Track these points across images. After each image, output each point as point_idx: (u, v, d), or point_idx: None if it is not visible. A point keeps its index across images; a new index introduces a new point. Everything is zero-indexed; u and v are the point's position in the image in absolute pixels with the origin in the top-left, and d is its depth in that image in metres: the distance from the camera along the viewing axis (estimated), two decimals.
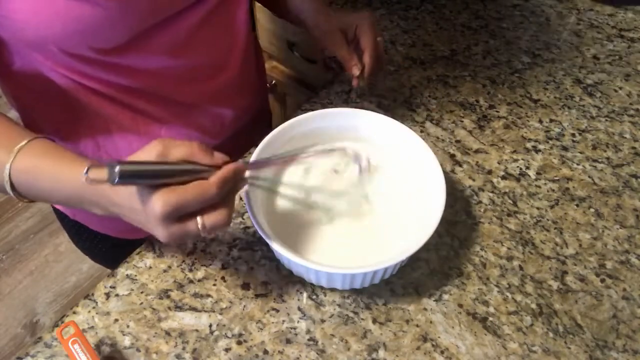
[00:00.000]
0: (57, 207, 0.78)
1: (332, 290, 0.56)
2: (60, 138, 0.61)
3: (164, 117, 0.63)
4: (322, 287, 0.56)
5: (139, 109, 0.61)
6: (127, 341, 0.53)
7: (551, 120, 0.72)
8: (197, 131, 0.67)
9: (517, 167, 0.67)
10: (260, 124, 0.83)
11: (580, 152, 0.69)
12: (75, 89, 0.57)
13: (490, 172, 0.66)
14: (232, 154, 0.65)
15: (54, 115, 0.61)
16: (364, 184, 0.59)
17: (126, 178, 0.39)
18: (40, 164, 0.47)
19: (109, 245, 0.79)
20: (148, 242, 0.59)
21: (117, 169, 0.38)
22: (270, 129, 0.58)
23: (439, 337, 0.53)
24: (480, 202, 0.63)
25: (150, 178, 0.41)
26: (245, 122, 0.75)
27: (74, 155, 0.48)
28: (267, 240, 0.50)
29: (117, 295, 0.56)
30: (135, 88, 0.59)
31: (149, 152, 0.42)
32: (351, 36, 0.64)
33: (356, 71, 0.64)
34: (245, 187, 0.52)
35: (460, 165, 0.67)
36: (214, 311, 0.55)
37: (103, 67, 0.55)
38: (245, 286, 0.56)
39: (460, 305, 0.55)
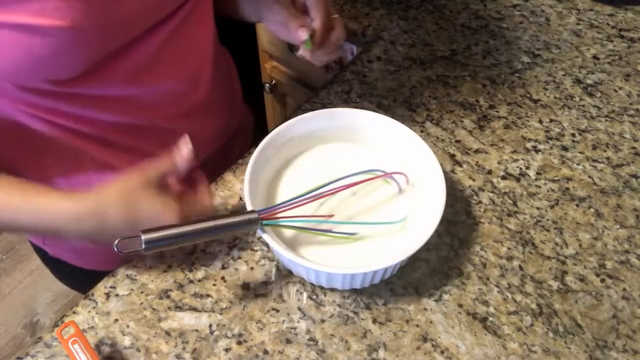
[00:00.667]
0: (36, 243, 0.76)
1: (332, 290, 0.56)
2: (27, 173, 0.58)
3: (135, 145, 0.61)
4: (322, 287, 0.56)
5: (108, 140, 0.59)
6: (127, 341, 0.53)
7: (551, 120, 0.72)
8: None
9: (517, 167, 0.67)
10: (240, 141, 0.81)
11: (580, 152, 0.69)
12: (36, 123, 0.55)
13: (490, 172, 0.66)
14: (214, 172, 0.65)
15: (16, 152, 0.58)
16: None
17: (152, 243, 0.45)
18: (15, 199, 0.50)
19: (91, 278, 0.78)
20: None
21: (142, 238, 0.44)
22: (253, 144, 0.58)
23: (439, 337, 0.53)
24: (480, 202, 0.63)
25: (174, 238, 0.46)
26: (225, 140, 0.73)
27: (45, 187, 0.51)
28: (267, 241, 0.50)
29: (117, 295, 0.56)
30: (99, 119, 0.57)
31: (132, 181, 0.47)
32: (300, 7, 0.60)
33: (303, 34, 0.57)
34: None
35: (460, 165, 0.67)
36: (214, 311, 0.55)
37: (63, 99, 0.53)
38: (245, 286, 0.56)
39: (460, 305, 0.55)
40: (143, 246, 0.44)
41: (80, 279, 0.77)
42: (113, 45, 0.52)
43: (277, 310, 0.55)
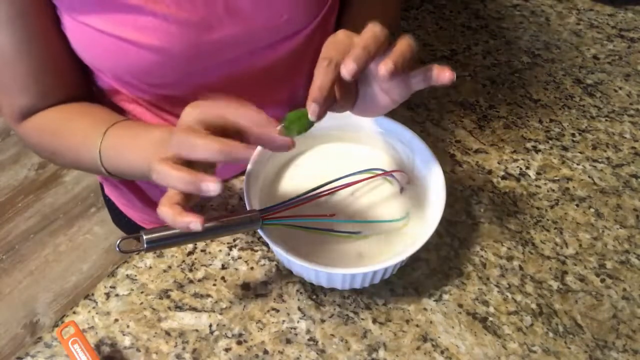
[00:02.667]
0: (107, 192, 0.85)
1: (332, 290, 0.56)
2: None
3: None
4: (322, 287, 0.56)
5: None
6: (127, 341, 0.53)
7: (551, 120, 0.72)
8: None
9: (517, 167, 0.67)
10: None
11: (580, 152, 0.69)
12: (135, 109, 0.63)
13: (490, 172, 0.66)
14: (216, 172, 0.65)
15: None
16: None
17: (154, 243, 0.44)
18: (121, 140, 0.54)
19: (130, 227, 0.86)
20: None
21: (144, 237, 0.44)
22: None
23: (439, 337, 0.53)
24: (480, 202, 0.63)
25: (176, 238, 0.46)
26: None
27: (146, 126, 0.55)
28: (268, 241, 0.50)
29: (117, 295, 0.56)
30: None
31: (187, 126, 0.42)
32: None
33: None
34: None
35: (460, 165, 0.67)
36: (214, 311, 0.55)
37: (155, 97, 0.60)
38: (245, 286, 0.56)
39: (460, 305, 0.55)
40: (145, 246, 0.44)
41: (124, 224, 0.87)
42: (203, 65, 0.56)
43: (277, 310, 0.55)
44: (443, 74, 0.43)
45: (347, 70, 0.40)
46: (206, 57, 0.55)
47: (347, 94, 0.47)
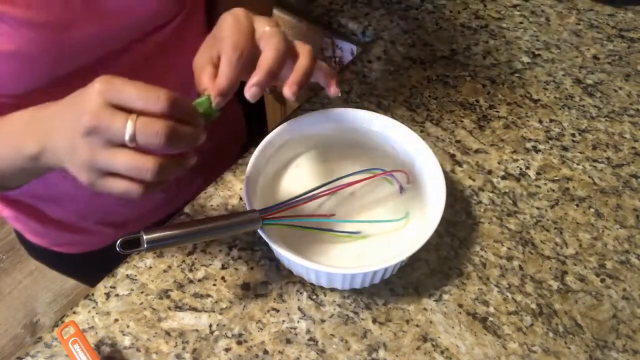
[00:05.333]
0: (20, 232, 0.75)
1: (332, 290, 0.56)
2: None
3: None
4: (322, 287, 0.56)
5: None
6: (127, 341, 0.53)
7: (551, 120, 0.72)
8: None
9: (517, 167, 0.67)
10: (239, 140, 0.81)
11: (580, 152, 0.69)
12: None
13: (490, 172, 0.66)
14: (213, 172, 0.61)
15: None
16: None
17: (154, 243, 0.44)
18: None
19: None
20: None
21: (144, 237, 0.44)
22: (252, 144, 0.57)
23: (439, 337, 0.53)
24: (480, 202, 0.63)
25: (176, 238, 0.46)
26: (217, 143, 0.72)
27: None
28: (268, 240, 0.50)
29: (117, 295, 0.56)
30: None
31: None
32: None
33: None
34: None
35: (460, 165, 0.67)
36: (214, 311, 0.55)
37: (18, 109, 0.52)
38: (245, 286, 0.56)
39: (460, 305, 0.55)
40: (145, 245, 0.44)
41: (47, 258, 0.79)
42: (64, 69, 0.51)
43: (277, 310, 0.55)
44: (329, 89, 0.51)
45: (251, 94, 0.44)
46: (69, 60, 0.50)
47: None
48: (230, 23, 0.44)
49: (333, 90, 0.51)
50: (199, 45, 0.48)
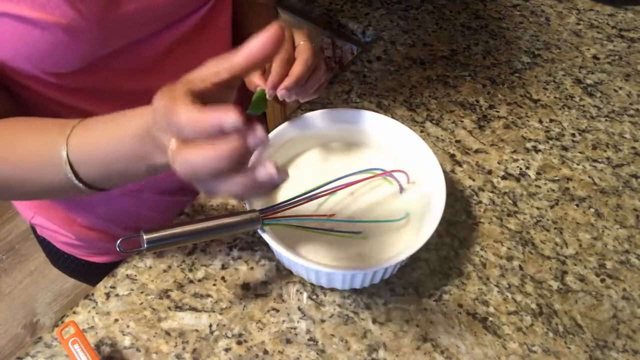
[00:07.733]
0: (38, 230, 0.76)
1: (332, 290, 0.56)
2: None
3: None
4: (322, 287, 0.56)
5: None
6: (127, 341, 0.53)
7: (551, 120, 0.72)
8: None
9: (517, 167, 0.67)
10: None
11: (580, 152, 0.69)
12: (39, 110, 0.54)
13: (490, 172, 0.66)
14: None
15: None
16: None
17: (154, 243, 0.45)
18: (93, 133, 0.44)
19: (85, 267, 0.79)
20: None
21: (144, 237, 0.44)
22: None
23: (439, 337, 0.53)
24: (480, 202, 0.63)
25: (176, 238, 0.46)
26: None
27: (116, 116, 0.45)
28: (268, 240, 0.50)
29: (117, 295, 0.56)
30: (97, 112, 0.52)
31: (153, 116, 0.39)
32: None
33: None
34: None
35: (460, 165, 0.67)
36: (214, 311, 0.55)
37: (61, 91, 0.53)
38: (245, 286, 0.56)
39: (460, 305, 0.55)
40: (145, 245, 0.44)
41: (63, 261, 0.80)
42: (113, 45, 0.52)
43: (277, 310, 0.55)
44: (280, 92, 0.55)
45: (281, 95, 0.53)
46: (116, 37, 0.51)
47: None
48: (280, 33, 0.49)
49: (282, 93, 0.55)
50: (221, 36, 0.58)
